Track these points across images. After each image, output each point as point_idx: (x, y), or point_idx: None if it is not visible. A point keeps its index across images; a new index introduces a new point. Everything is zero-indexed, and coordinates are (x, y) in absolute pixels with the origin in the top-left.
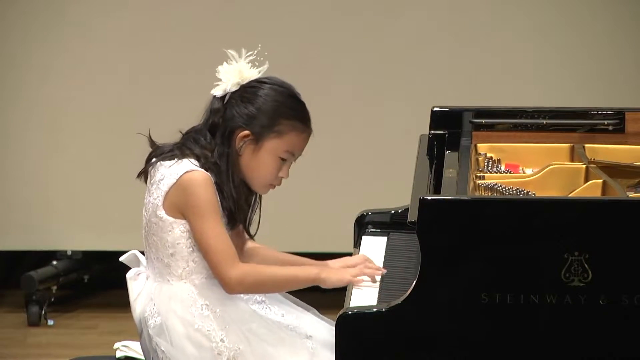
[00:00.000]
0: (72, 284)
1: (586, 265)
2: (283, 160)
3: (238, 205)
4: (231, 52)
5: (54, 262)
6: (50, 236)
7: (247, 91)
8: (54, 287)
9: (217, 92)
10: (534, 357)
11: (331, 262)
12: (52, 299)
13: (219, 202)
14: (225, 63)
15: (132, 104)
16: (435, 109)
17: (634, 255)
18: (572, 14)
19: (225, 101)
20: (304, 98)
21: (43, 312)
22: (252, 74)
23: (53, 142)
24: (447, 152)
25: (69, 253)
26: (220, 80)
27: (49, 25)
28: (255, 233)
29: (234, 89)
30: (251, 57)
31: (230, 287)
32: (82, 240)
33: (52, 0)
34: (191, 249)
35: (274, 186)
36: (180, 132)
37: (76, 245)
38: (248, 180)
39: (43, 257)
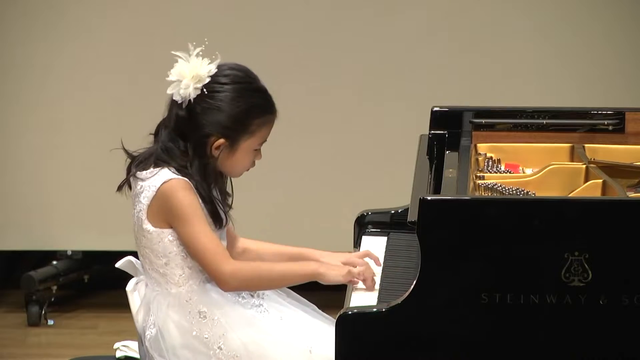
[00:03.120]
0: (72, 284)
1: (586, 265)
2: (256, 150)
3: (221, 205)
4: (178, 53)
5: (54, 262)
6: (50, 236)
7: (210, 96)
8: (54, 287)
9: (176, 97)
10: (534, 357)
11: (334, 255)
12: (52, 299)
13: (202, 205)
14: (181, 60)
15: (132, 104)
16: (435, 109)
17: (634, 255)
18: (571, 15)
19: (187, 106)
20: (304, 98)
21: (43, 312)
22: (207, 69)
23: (53, 142)
24: (447, 152)
25: (69, 253)
26: (173, 78)
27: (49, 25)
28: (230, 208)
29: (195, 94)
30: (200, 51)
31: (225, 282)
32: (82, 240)
33: (52, 0)
34: (184, 254)
35: (248, 169)
36: (151, 134)
37: (76, 245)
38: (225, 174)
39: (43, 257)
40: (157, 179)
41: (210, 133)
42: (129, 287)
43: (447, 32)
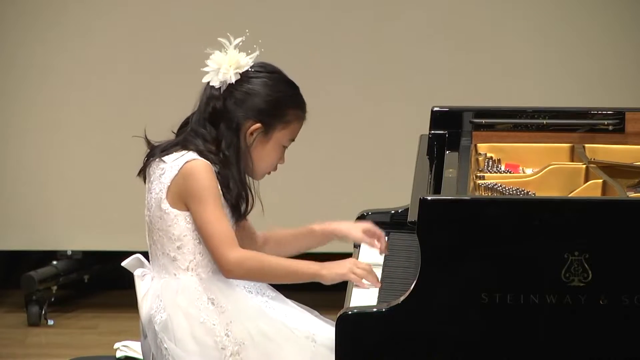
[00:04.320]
0: (72, 284)
1: (586, 265)
2: (284, 147)
3: (244, 197)
4: (223, 40)
5: (54, 262)
6: (50, 236)
7: (247, 81)
8: (54, 287)
9: (214, 82)
10: (534, 357)
11: (350, 224)
12: (52, 299)
13: (222, 195)
14: (217, 52)
15: (132, 104)
16: (435, 109)
17: (634, 255)
18: (572, 14)
19: (223, 91)
20: (304, 98)
21: (43, 312)
22: (246, 61)
23: (53, 142)
24: (447, 152)
25: (69, 253)
26: (211, 68)
27: (49, 25)
28: (249, 212)
29: (235, 79)
30: (240, 44)
31: (228, 269)
32: (82, 240)
33: (52, 0)
34: (197, 240)
35: (270, 172)
36: (173, 132)
37: (76, 245)
38: (251, 170)
39: (43, 257)
40: (181, 160)
41: (247, 117)
42: (137, 272)
43: (447, 32)
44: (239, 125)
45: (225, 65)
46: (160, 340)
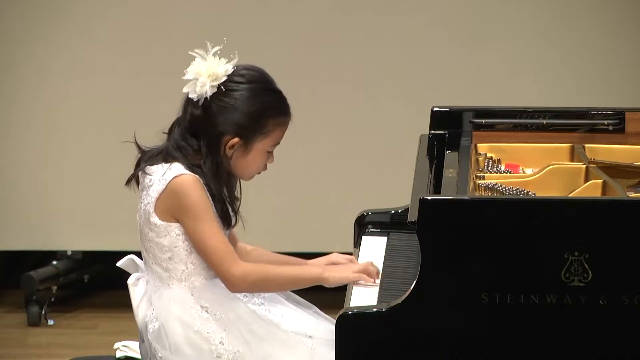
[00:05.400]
0: (72, 284)
1: (586, 265)
2: (269, 152)
3: (230, 205)
4: (197, 51)
5: (54, 262)
6: (50, 236)
7: (226, 94)
8: (54, 287)
9: (192, 95)
10: (534, 357)
11: (320, 259)
12: (52, 299)
13: (212, 204)
14: (197, 59)
15: (131, 104)
16: (435, 109)
17: (634, 255)
18: (572, 14)
19: (202, 103)
20: (304, 98)
21: (43, 312)
22: (224, 69)
23: (53, 142)
24: (447, 152)
25: (69, 253)
26: (190, 78)
27: (49, 25)
28: (237, 222)
29: (212, 92)
30: (218, 51)
31: (234, 284)
32: (82, 240)
33: (52, 0)
34: (188, 251)
35: (260, 172)
36: (164, 132)
37: (76, 245)
38: (237, 175)
39: (43, 257)
40: (168, 174)
41: (225, 132)
42: (131, 280)
43: (447, 32)
44: (219, 140)
45: (204, 76)
46: (155, 349)
